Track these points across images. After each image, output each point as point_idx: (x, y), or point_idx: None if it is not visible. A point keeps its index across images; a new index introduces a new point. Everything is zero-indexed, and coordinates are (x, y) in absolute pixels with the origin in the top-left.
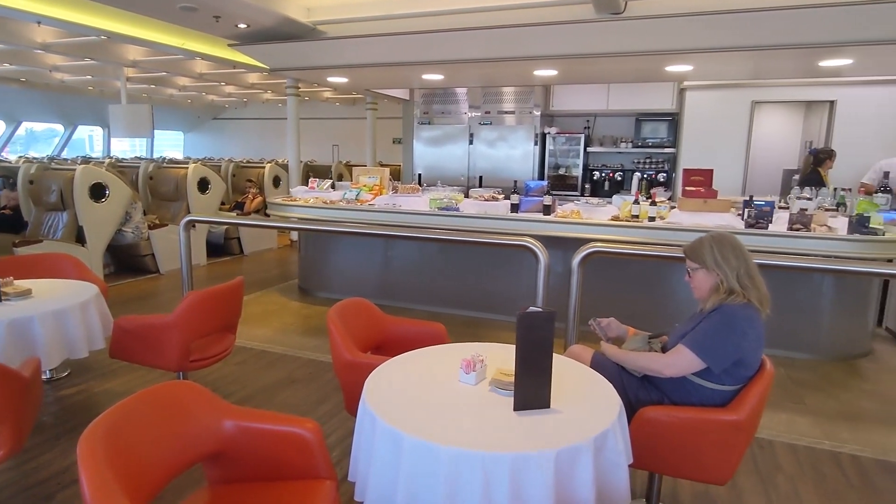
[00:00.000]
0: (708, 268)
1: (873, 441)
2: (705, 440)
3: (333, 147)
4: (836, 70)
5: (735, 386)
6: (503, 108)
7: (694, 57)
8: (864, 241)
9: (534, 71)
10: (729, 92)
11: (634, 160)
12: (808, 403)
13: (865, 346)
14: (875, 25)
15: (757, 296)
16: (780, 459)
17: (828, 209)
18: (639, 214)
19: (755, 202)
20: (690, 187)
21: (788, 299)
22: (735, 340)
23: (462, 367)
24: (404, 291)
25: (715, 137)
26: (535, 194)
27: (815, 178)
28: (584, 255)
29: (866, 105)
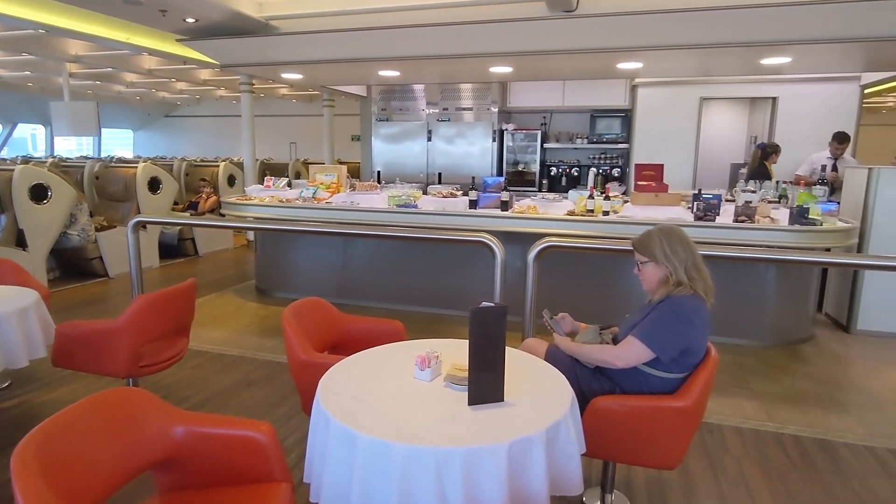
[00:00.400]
0: (657, 261)
1: (812, 421)
2: (655, 427)
3: (291, 145)
4: (777, 68)
5: (682, 374)
6: (461, 105)
7: (644, 54)
8: (803, 232)
9: (489, 68)
10: (678, 89)
11: (590, 155)
12: (753, 388)
13: (807, 332)
14: (811, 26)
15: (703, 286)
16: (727, 442)
17: (770, 201)
18: (593, 209)
19: (703, 195)
20: (642, 182)
21: (735, 288)
22: (682, 330)
23: (417, 364)
24: (364, 289)
25: (666, 133)
26: (493, 190)
27: (763, 172)
28: (539, 250)
29: (805, 101)
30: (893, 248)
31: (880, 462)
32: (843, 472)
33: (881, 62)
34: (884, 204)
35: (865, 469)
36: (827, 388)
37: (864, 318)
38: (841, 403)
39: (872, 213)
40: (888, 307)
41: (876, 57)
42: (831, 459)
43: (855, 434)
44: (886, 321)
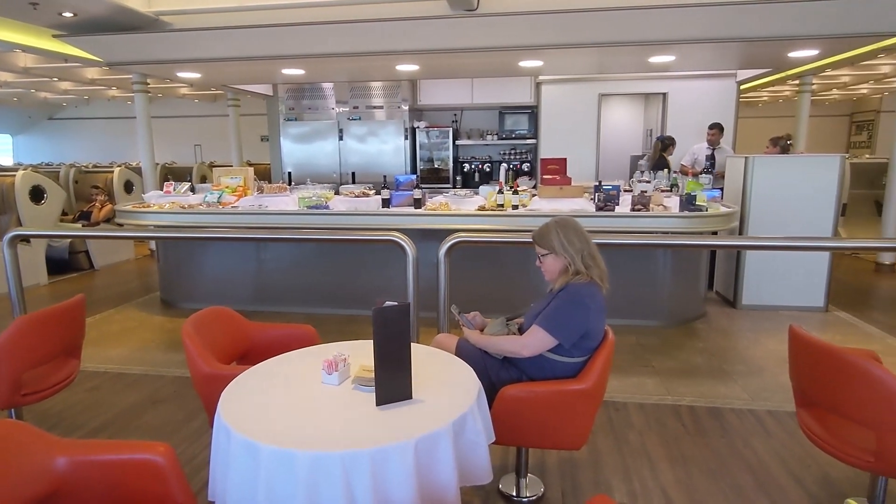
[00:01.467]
0: (556, 252)
1: (704, 392)
2: (560, 410)
3: (195, 147)
4: (664, 65)
5: (583, 357)
6: (372, 103)
7: (543, 53)
8: (692, 218)
9: (396, 66)
10: (579, 86)
11: (501, 151)
12: (654, 366)
13: (700, 310)
14: (691, 26)
15: (598, 273)
16: (631, 418)
17: (663, 190)
18: (503, 203)
19: (604, 187)
20: (548, 175)
21: (636, 273)
22: (581, 316)
23: (324, 369)
24: (281, 295)
25: (569, 128)
26: (406, 188)
27: (663, 163)
28: (449, 246)
29: (691, 96)
30: (768, 229)
31: (760, 423)
32: (730, 434)
33: (752, 61)
34: (759, 189)
35: (748, 430)
36: (717, 360)
37: (747, 293)
38: (728, 373)
39: (750, 198)
40: (766, 283)
41: (748, 56)
42: (720, 424)
43: (740, 399)
44: (765, 295)
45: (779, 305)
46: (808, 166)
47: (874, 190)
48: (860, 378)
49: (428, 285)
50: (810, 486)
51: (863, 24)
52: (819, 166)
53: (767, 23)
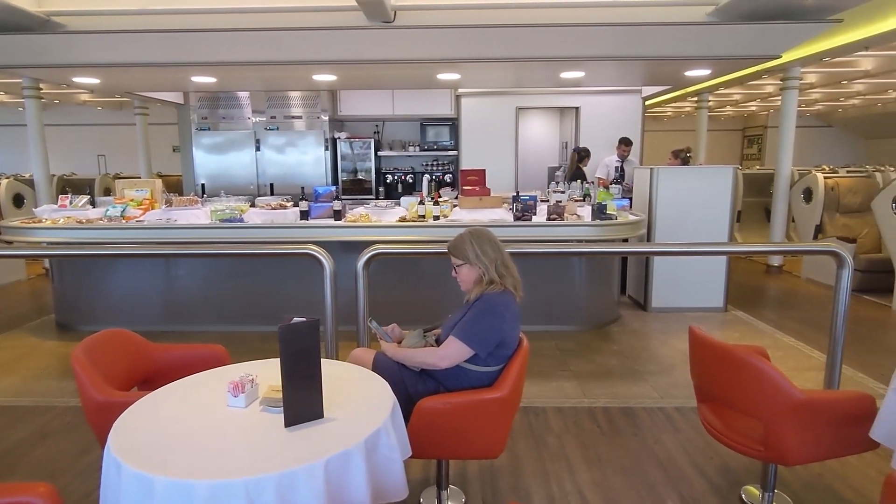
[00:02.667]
0: (471, 262)
1: (618, 392)
2: (477, 420)
3: (99, 157)
4: (575, 81)
5: (499, 365)
6: (290, 113)
7: (460, 66)
8: (603, 226)
9: (313, 75)
10: (497, 99)
11: (423, 162)
12: (572, 369)
13: (614, 314)
14: (598, 45)
15: (512, 282)
16: (550, 422)
17: (577, 200)
18: (425, 214)
19: (521, 197)
20: (467, 186)
21: (554, 280)
22: (497, 325)
23: (229, 391)
24: (193, 313)
25: (489, 140)
26: (325, 200)
27: (580, 173)
28: (368, 258)
29: (601, 111)
30: (673, 235)
31: (669, 419)
32: (642, 432)
33: (654, 78)
34: (663, 198)
35: (658, 427)
36: (630, 361)
37: (656, 297)
38: (640, 373)
39: (656, 206)
40: (672, 286)
41: (650, 74)
42: (633, 423)
43: (651, 398)
44: (672, 298)
45: (684, 307)
46: (705, 176)
47: (764, 198)
48: (749, 373)
49: (350, 298)
50: (712, 476)
51: (746, 48)
52: (715, 176)
53: (666, 44)
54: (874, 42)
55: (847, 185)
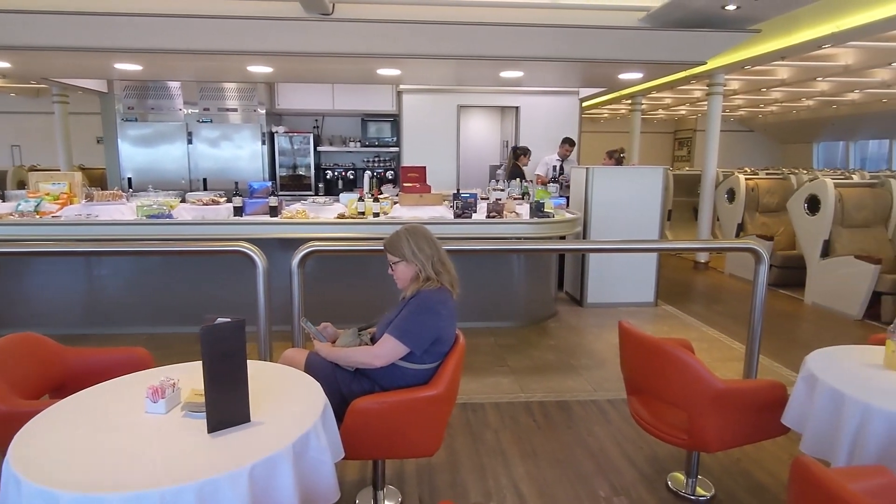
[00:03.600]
0: (407, 259)
1: (554, 387)
2: (412, 418)
3: (13, 148)
4: (515, 80)
5: (435, 363)
6: (225, 105)
7: (400, 62)
8: (540, 224)
9: (247, 66)
10: (438, 96)
11: (364, 159)
12: (510, 365)
13: (552, 309)
14: (537, 46)
15: (449, 279)
16: (488, 418)
17: (516, 198)
18: (364, 211)
19: (462, 195)
20: (408, 183)
21: (493, 277)
22: (432, 322)
23: (148, 396)
24: (120, 314)
25: (431, 137)
26: (260, 195)
27: (518, 171)
28: (303, 256)
29: (540, 111)
30: (607, 233)
31: (601, 411)
32: (576, 424)
33: (590, 80)
34: (598, 196)
35: (591, 419)
36: (565, 356)
37: (591, 293)
38: (575, 367)
39: (591, 205)
40: (607, 282)
41: (586, 76)
42: (567, 416)
43: (584, 391)
44: (607, 293)
45: (618, 302)
46: (638, 176)
47: (692, 198)
48: (674, 365)
49: (287, 297)
50: (641, 464)
51: (674, 54)
52: (647, 177)
53: (601, 47)
54: (789, 52)
55: (765, 186)
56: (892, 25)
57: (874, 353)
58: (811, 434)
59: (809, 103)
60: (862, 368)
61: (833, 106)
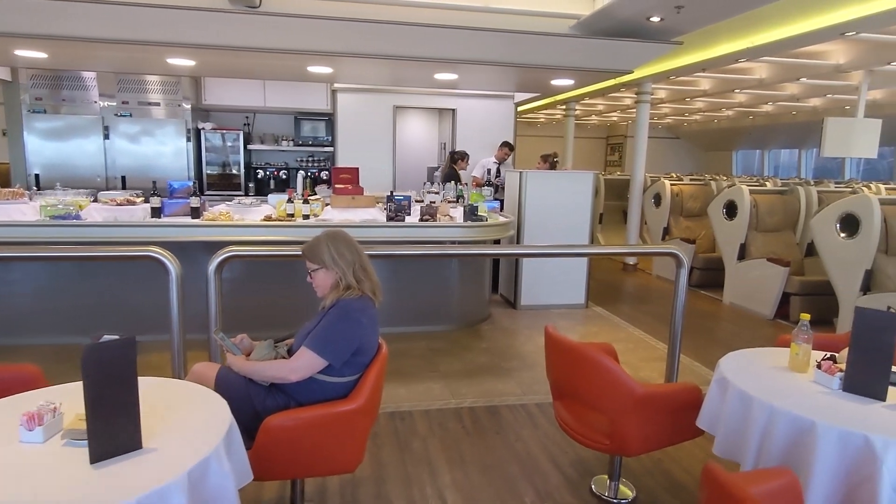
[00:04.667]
0: (327, 266)
1: (485, 391)
2: (331, 434)
3: None
4: (450, 83)
5: (356, 375)
6: (146, 99)
7: (333, 60)
8: (474, 227)
9: (167, 59)
10: (374, 96)
11: (298, 158)
12: (441, 370)
13: (486, 312)
14: (472, 48)
15: (370, 286)
16: (416, 426)
17: (450, 201)
18: (294, 213)
19: (395, 197)
20: (340, 185)
21: (427, 281)
22: (352, 333)
23: (22, 423)
24: (23, 324)
25: (366, 137)
26: (181, 195)
27: (454, 175)
28: (220, 262)
29: (476, 114)
30: (540, 236)
31: (530, 415)
32: (504, 429)
33: (525, 85)
34: (532, 200)
35: (519, 423)
36: (497, 359)
37: (525, 295)
38: (506, 370)
39: (525, 208)
40: (540, 285)
41: (520, 80)
42: (496, 421)
43: (514, 395)
44: (540, 296)
45: (551, 304)
46: (570, 181)
47: (623, 202)
48: (596, 371)
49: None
50: (567, 468)
51: (603, 62)
52: (578, 181)
53: (533, 52)
54: (709, 65)
55: (689, 191)
56: (799, 43)
57: (782, 356)
58: (723, 436)
59: (729, 113)
60: (769, 371)
61: (750, 117)
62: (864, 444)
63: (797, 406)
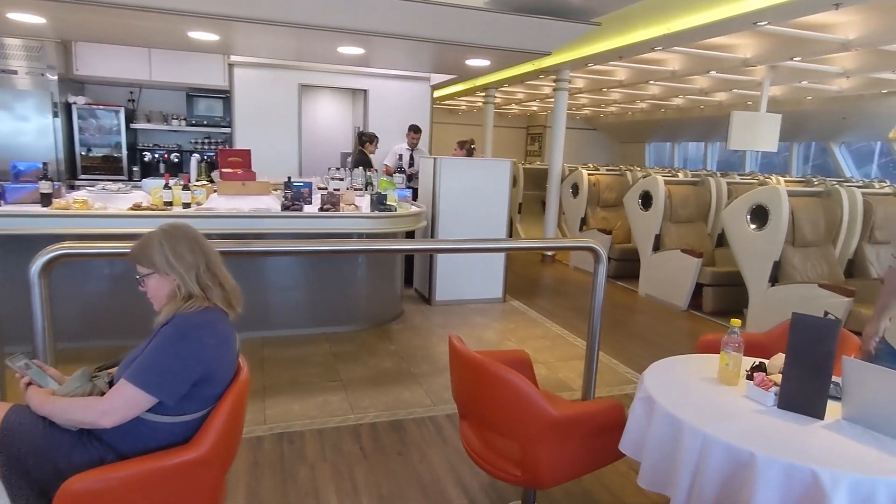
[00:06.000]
0: (159, 271)
1: (389, 402)
2: (162, 496)
3: None
4: (359, 59)
5: (202, 410)
6: (3, 66)
7: (216, 24)
8: (382, 218)
9: (7, 13)
10: (276, 72)
11: (192, 140)
12: (343, 378)
13: (397, 310)
14: (381, 20)
15: (222, 295)
16: (306, 450)
17: (357, 189)
18: (172, 201)
19: (294, 183)
20: (228, 169)
21: (329, 277)
22: (190, 358)
23: None
24: None
25: (269, 118)
26: (28, 179)
27: (364, 160)
28: (45, 262)
29: (390, 96)
30: (455, 227)
31: (438, 430)
32: (408, 448)
33: (440, 65)
34: (447, 189)
35: (426, 440)
36: (406, 363)
37: (440, 290)
38: (415, 376)
39: (439, 197)
40: (455, 279)
41: (434, 60)
42: (399, 438)
43: (422, 406)
44: (456, 290)
45: (467, 299)
46: (486, 168)
47: (541, 192)
48: (505, 391)
49: (58, 311)
50: (477, 494)
51: (520, 42)
52: (495, 169)
53: (446, 27)
54: (626, 52)
55: (605, 182)
56: (714, 31)
57: (709, 365)
58: (650, 466)
59: (643, 106)
60: (698, 385)
61: (662, 110)
62: (811, 480)
63: (733, 434)
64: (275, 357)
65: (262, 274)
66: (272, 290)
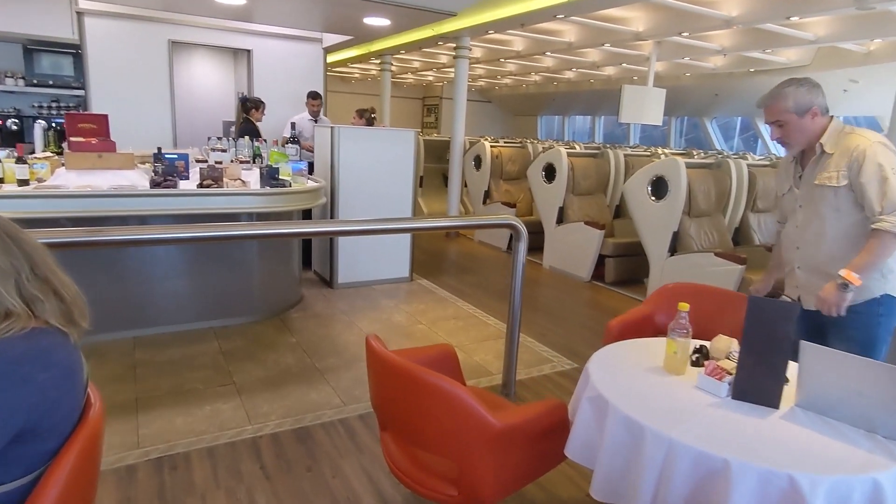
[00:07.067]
0: None
1: (293, 407)
2: None
3: None
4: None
5: (31, 474)
6: None
7: None
8: (274, 195)
9: None
10: (140, 25)
11: (35, 103)
12: (236, 381)
13: (296, 296)
14: None
15: (58, 308)
16: (194, 475)
17: (243, 161)
18: (2, 177)
19: (165, 155)
20: (78, 137)
21: (215, 264)
22: (4, 409)
23: None
24: None
25: (133, 80)
26: None
27: (251, 128)
28: None
29: (278, 58)
30: (356, 203)
31: (351, 435)
32: (318, 461)
33: (334, 23)
34: (346, 161)
35: (339, 449)
36: (309, 357)
37: (342, 272)
38: (321, 372)
39: (338, 170)
40: (359, 260)
41: (328, 16)
42: (307, 450)
43: (331, 406)
44: (360, 272)
45: (372, 280)
46: (389, 139)
47: (442, 164)
48: (438, 403)
49: None
50: None
51: None
52: (399, 140)
53: None
54: (528, 19)
55: (508, 154)
56: None
57: (651, 352)
58: (604, 475)
59: (537, 79)
60: (648, 379)
61: (554, 83)
62: (787, 486)
63: (701, 438)
64: (150, 361)
65: (130, 261)
66: (145, 280)
